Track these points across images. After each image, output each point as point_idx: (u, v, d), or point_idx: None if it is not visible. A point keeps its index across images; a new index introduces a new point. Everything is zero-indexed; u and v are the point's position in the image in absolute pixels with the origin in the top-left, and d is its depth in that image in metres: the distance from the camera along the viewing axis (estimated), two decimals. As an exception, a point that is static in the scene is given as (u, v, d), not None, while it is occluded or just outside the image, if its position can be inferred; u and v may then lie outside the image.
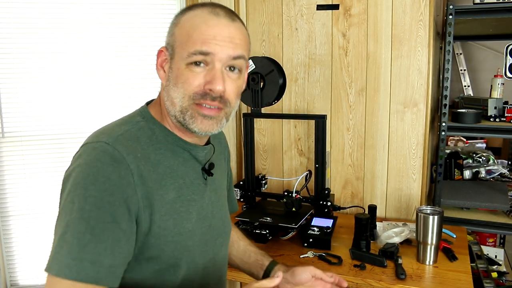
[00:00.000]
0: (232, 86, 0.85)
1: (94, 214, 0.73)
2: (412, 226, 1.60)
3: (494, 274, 2.04)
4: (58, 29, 1.94)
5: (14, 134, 1.97)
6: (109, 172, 0.75)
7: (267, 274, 1.09)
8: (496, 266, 2.18)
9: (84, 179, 0.75)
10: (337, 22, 1.84)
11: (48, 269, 0.71)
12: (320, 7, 1.85)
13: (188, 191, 0.89)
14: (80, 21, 1.95)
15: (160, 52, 0.89)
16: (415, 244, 1.45)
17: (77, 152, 0.82)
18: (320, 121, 1.63)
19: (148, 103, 0.95)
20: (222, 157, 1.10)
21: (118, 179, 0.76)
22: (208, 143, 0.98)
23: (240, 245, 1.19)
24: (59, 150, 2.00)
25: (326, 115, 1.64)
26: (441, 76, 1.89)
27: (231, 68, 0.84)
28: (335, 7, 1.83)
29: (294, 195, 1.63)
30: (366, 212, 1.63)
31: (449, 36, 1.71)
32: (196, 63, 0.81)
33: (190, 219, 0.88)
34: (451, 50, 1.73)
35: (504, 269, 2.20)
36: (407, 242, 1.54)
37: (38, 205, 2.03)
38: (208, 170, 0.95)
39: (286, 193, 1.66)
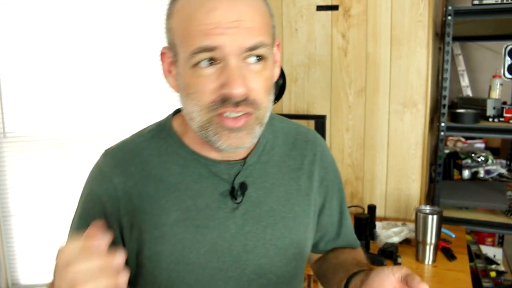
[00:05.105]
0: (257, 81, 0.65)
1: (76, 225, 0.75)
2: (412, 225, 1.61)
3: (493, 274, 2.06)
4: (60, 29, 1.95)
5: (15, 134, 1.98)
6: (93, 184, 0.75)
7: None
8: (494, 265, 2.19)
9: (82, 189, 0.77)
10: (337, 23, 1.85)
11: None
12: (320, 8, 1.86)
13: (198, 215, 0.72)
14: (81, 22, 1.96)
15: (162, 54, 0.71)
16: (414, 244, 1.46)
17: None
18: (319, 122, 1.64)
19: (176, 112, 0.80)
20: (297, 174, 0.81)
21: (100, 192, 0.73)
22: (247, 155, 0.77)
23: (334, 261, 0.85)
24: (60, 151, 2.01)
25: (325, 115, 1.66)
26: (440, 77, 1.90)
27: (254, 57, 0.65)
28: (334, 8, 1.83)
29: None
30: (366, 212, 1.64)
31: (448, 36, 1.71)
32: (204, 64, 0.63)
33: (197, 249, 0.72)
34: (450, 51, 1.74)
35: (503, 269, 2.21)
36: (406, 241, 1.55)
37: (39, 205, 2.04)
38: (237, 192, 0.74)
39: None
